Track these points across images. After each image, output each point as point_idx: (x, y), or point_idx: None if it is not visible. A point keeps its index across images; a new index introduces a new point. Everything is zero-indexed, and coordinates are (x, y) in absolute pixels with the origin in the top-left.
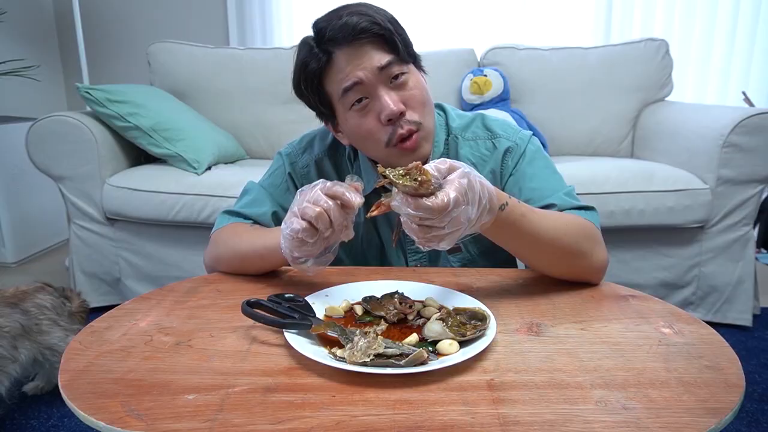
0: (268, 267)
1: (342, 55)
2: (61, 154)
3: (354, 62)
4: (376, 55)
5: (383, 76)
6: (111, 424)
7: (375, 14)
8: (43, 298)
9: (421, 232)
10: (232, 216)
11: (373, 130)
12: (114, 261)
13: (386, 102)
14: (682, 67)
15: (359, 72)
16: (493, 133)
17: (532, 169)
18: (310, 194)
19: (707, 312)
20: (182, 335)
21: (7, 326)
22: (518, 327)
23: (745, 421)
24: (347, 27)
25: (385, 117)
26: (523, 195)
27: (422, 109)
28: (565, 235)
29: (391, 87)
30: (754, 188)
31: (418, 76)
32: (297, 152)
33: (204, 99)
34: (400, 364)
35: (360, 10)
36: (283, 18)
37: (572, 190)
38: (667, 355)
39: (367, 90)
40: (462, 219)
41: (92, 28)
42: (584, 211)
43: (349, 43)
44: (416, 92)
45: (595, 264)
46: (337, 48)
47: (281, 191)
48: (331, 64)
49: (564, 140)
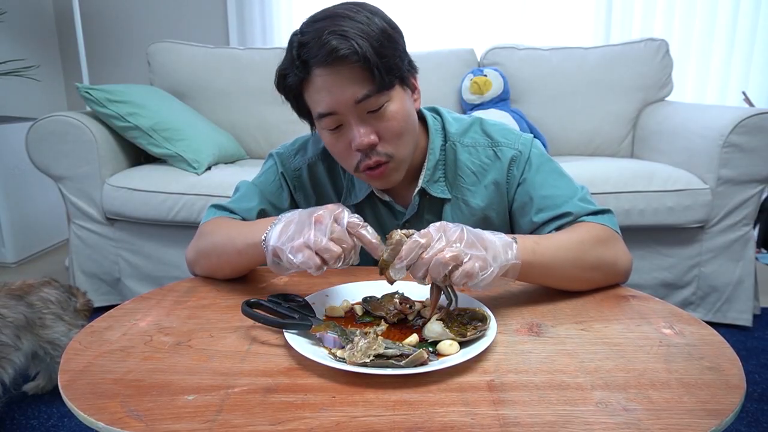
0: (246, 264)
1: (320, 75)
2: (61, 154)
3: (330, 89)
4: (353, 87)
5: (359, 108)
6: (110, 424)
7: (358, 38)
8: (48, 292)
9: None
10: (218, 210)
11: (343, 154)
12: (114, 261)
13: (356, 135)
14: (682, 67)
15: (334, 103)
16: (494, 140)
17: (540, 176)
18: (330, 226)
19: (707, 312)
20: (182, 335)
21: (11, 317)
22: (518, 327)
23: (745, 422)
24: (327, 50)
25: (354, 148)
26: (536, 204)
27: (397, 140)
28: (583, 253)
29: (367, 117)
30: (754, 188)
31: (401, 100)
32: (289, 154)
33: (204, 99)
34: (400, 365)
35: (344, 32)
36: (283, 18)
37: (586, 193)
38: (667, 356)
39: (341, 119)
40: (465, 236)
41: (92, 28)
42: (600, 216)
43: (329, 65)
44: (393, 123)
45: (621, 269)
46: (316, 67)
47: (272, 189)
48: (309, 81)
49: (564, 140)
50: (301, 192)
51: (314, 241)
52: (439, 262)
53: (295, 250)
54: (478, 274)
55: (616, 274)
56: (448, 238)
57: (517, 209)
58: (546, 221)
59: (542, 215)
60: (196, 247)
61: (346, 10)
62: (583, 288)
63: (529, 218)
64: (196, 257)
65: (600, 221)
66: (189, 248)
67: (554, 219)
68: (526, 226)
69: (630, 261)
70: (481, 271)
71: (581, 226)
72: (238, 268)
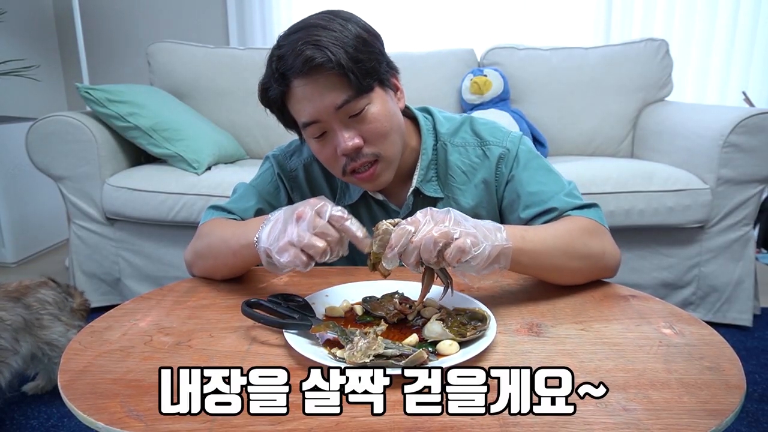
0: (240, 263)
1: (299, 86)
2: (61, 154)
3: (311, 98)
4: (332, 94)
5: (340, 113)
6: (110, 424)
7: (332, 45)
8: (45, 293)
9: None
10: (216, 210)
11: (330, 160)
12: (114, 261)
13: (340, 140)
14: (682, 67)
15: (315, 111)
16: (483, 140)
17: (528, 173)
18: (313, 221)
19: (707, 312)
20: (182, 335)
21: (9, 319)
22: (518, 327)
23: (745, 422)
24: (302, 60)
25: (340, 153)
26: (523, 201)
27: (382, 140)
28: (572, 241)
29: (349, 122)
30: (754, 188)
31: (382, 101)
32: (285, 155)
33: (204, 99)
34: (400, 365)
35: (318, 41)
36: (283, 18)
37: (573, 189)
38: (667, 356)
39: (324, 126)
40: (452, 216)
41: (92, 28)
42: (586, 210)
43: (306, 75)
44: (376, 125)
45: (609, 262)
46: (295, 78)
47: (270, 189)
48: (289, 93)
49: (564, 140)
50: (298, 192)
51: (297, 238)
52: (430, 241)
53: (280, 250)
54: (471, 249)
55: (605, 267)
56: (436, 220)
57: (506, 207)
58: (533, 217)
59: (529, 211)
60: (193, 248)
61: (319, 20)
62: (573, 280)
63: (517, 215)
64: (194, 259)
65: (586, 215)
66: (187, 249)
67: (541, 215)
68: (515, 223)
69: (618, 255)
70: (473, 247)
71: (568, 218)
72: (234, 269)
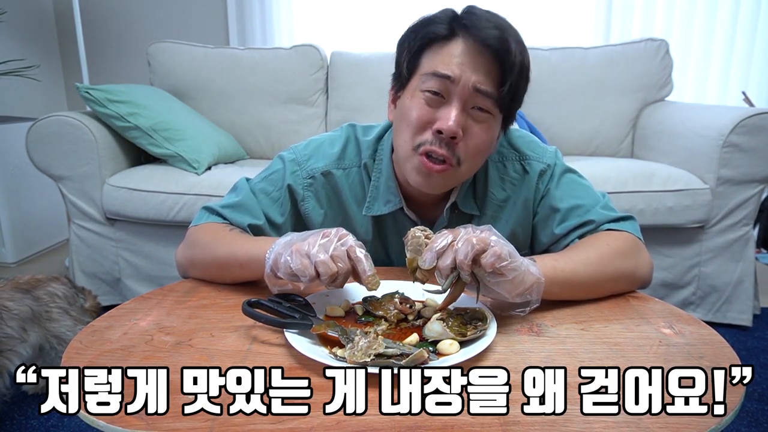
0: (247, 276)
1: (466, 43)
2: (61, 154)
3: (465, 61)
4: (483, 75)
5: (471, 97)
6: (111, 423)
7: (518, 51)
8: (55, 287)
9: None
10: (211, 214)
11: (417, 123)
12: (114, 261)
13: (450, 115)
14: (682, 67)
15: (459, 73)
16: (521, 154)
17: (562, 187)
18: (334, 245)
19: (707, 312)
20: (183, 335)
21: (16, 309)
22: (519, 327)
23: (745, 421)
24: (489, 31)
25: (436, 127)
26: (558, 216)
27: (473, 155)
28: (603, 267)
29: (467, 113)
30: (754, 188)
31: (496, 129)
32: (302, 158)
33: (204, 99)
34: (400, 364)
35: (508, 36)
36: (283, 18)
37: (608, 201)
38: (667, 356)
39: (447, 90)
40: (491, 230)
41: (92, 28)
42: (622, 222)
43: (481, 43)
44: (480, 140)
45: (639, 278)
46: (470, 36)
47: (271, 201)
48: (450, 41)
49: (564, 140)
50: (313, 199)
51: (315, 251)
52: (467, 244)
53: (294, 255)
54: (507, 257)
55: (632, 284)
56: (476, 231)
57: (538, 222)
58: (569, 231)
59: (565, 224)
60: (191, 256)
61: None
62: (597, 297)
63: (551, 230)
64: (191, 265)
65: (622, 227)
66: (180, 252)
67: (577, 228)
68: (546, 238)
69: (650, 267)
70: (510, 257)
71: (602, 237)
72: (238, 279)
